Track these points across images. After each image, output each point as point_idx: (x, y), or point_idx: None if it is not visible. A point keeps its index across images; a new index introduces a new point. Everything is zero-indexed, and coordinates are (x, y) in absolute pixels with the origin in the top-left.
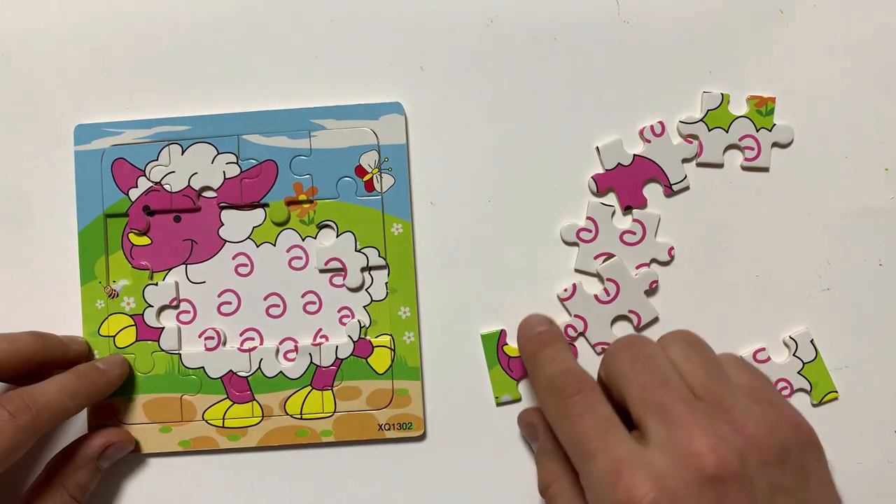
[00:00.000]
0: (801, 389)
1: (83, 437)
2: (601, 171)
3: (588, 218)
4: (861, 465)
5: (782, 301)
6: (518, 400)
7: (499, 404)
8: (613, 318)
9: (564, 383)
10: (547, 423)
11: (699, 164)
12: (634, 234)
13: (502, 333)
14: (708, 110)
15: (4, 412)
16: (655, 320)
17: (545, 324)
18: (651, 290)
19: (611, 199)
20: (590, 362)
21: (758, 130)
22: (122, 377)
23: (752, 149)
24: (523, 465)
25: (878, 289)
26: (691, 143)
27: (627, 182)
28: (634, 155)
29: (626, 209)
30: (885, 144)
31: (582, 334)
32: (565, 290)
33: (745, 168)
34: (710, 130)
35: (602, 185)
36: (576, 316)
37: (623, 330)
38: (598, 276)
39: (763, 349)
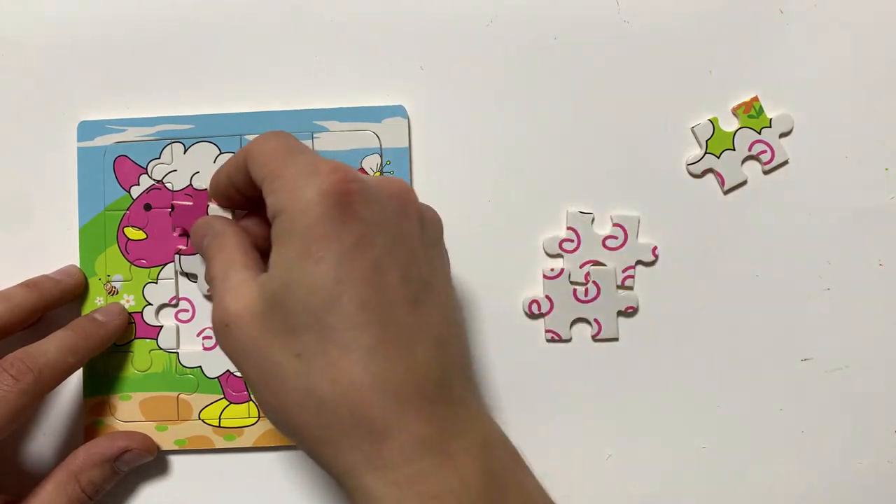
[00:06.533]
0: None
1: (107, 435)
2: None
3: (569, 228)
4: (861, 465)
5: (782, 301)
6: None
7: None
8: (576, 318)
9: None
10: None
11: (727, 192)
12: (616, 238)
13: None
14: (706, 141)
15: (7, 376)
16: (614, 339)
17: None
18: (626, 313)
19: (588, 206)
20: (539, 348)
21: (759, 132)
22: (121, 327)
23: (766, 151)
24: None
25: (878, 289)
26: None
27: None
28: None
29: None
30: (885, 144)
31: (541, 315)
32: (552, 269)
33: (766, 172)
34: (719, 157)
35: None
36: (546, 296)
37: (579, 333)
38: (588, 273)
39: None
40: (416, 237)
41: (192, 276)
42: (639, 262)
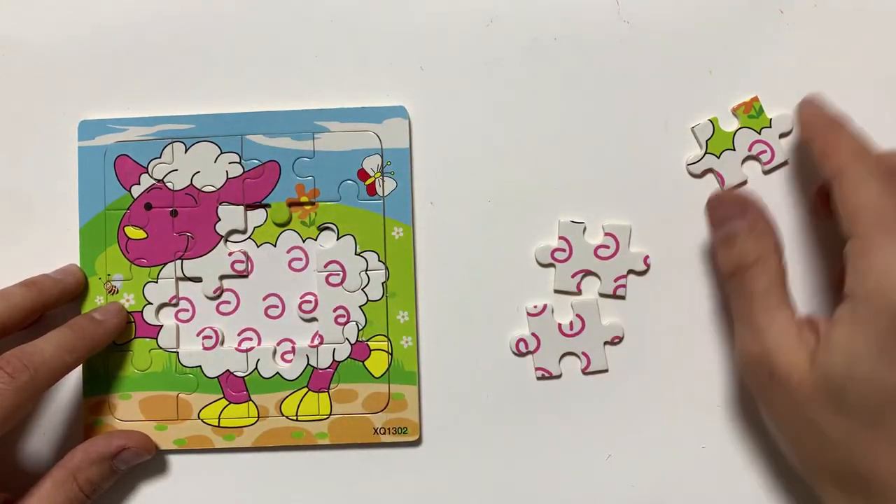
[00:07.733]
0: None
1: (104, 434)
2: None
3: (560, 237)
4: None
5: None
6: None
7: None
8: (565, 352)
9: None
10: (759, 203)
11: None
12: (608, 247)
13: None
14: (706, 141)
15: (3, 374)
16: (604, 371)
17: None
18: (612, 343)
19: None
20: (529, 383)
21: (759, 132)
22: (120, 326)
23: (766, 151)
24: (518, 474)
25: None
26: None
27: None
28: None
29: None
30: (885, 144)
31: (529, 352)
32: (535, 306)
33: (766, 172)
34: (719, 157)
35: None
36: (533, 334)
37: (568, 367)
38: (571, 306)
39: None
40: None
41: (194, 279)
42: (630, 272)
